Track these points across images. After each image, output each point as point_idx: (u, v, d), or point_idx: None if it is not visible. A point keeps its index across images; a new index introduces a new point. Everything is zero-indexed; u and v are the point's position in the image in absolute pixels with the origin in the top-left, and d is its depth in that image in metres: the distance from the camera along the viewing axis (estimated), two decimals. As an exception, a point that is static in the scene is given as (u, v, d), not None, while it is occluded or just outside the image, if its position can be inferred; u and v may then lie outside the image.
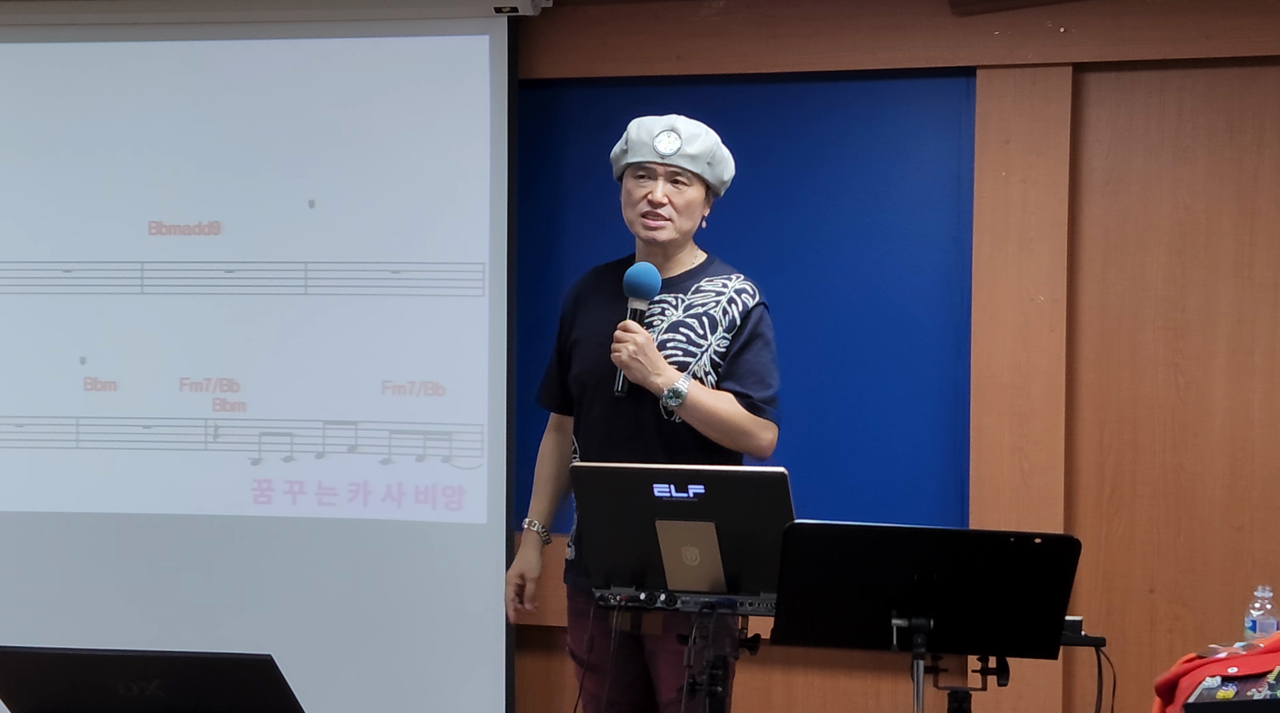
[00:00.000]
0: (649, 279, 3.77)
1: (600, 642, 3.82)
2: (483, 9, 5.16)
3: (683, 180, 3.80)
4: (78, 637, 4.94)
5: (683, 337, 3.79)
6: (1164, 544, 4.97)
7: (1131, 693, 4.60)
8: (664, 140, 3.79)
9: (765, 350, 3.85)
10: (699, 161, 3.80)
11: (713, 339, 3.80)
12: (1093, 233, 5.01)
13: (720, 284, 3.86)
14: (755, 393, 3.78)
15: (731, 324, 3.81)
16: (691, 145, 3.79)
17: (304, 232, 5.23)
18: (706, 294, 3.84)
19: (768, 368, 3.84)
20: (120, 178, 5.30)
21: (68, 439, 5.32)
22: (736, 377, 3.79)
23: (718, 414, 3.74)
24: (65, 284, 5.33)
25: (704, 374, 3.77)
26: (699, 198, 3.83)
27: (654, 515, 3.54)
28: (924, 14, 5.05)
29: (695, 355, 3.77)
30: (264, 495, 5.24)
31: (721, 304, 3.83)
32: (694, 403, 3.71)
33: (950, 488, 5.09)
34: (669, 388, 3.69)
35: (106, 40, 5.31)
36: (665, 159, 3.79)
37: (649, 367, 3.70)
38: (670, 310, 3.82)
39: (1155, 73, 4.96)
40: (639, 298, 3.77)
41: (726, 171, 3.88)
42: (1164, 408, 4.96)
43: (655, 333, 3.78)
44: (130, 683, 2.62)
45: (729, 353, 3.80)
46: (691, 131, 3.82)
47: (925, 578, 3.19)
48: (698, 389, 3.72)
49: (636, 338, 3.70)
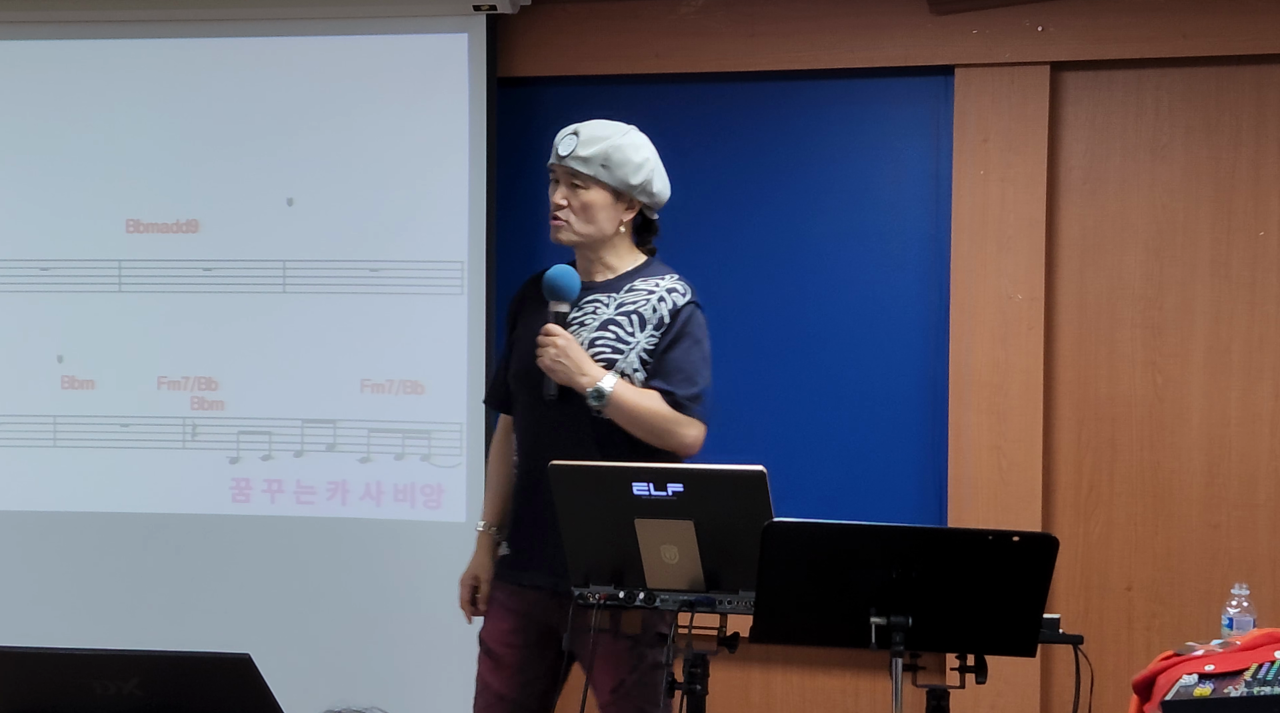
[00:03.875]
0: (565, 282, 3.78)
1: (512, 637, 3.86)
2: (461, 7, 5.15)
3: (580, 183, 3.80)
4: (55, 636, 4.91)
5: (612, 335, 3.79)
6: (1141, 542, 4.98)
7: (1109, 691, 4.63)
8: (564, 143, 3.81)
9: (694, 349, 3.82)
10: (591, 163, 3.77)
11: (641, 337, 3.79)
12: (1071, 231, 5.03)
13: (653, 284, 3.85)
14: (680, 391, 3.76)
15: (660, 322, 3.80)
16: (587, 148, 3.78)
17: (282, 230, 5.23)
18: (639, 293, 3.83)
19: (695, 366, 3.81)
20: (97, 175, 5.29)
21: (45, 438, 5.30)
22: (663, 374, 3.78)
23: (642, 412, 3.73)
24: (42, 282, 5.31)
25: (632, 371, 3.76)
26: (601, 201, 3.81)
27: (633, 514, 3.54)
28: (902, 13, 5.06)
29: (624, 353, 3.77)
30: (242, 494, 5.23)
31: (651, 302, 3.81)
32: (618, 401, 3.71)
33: (928, 486, 5.10)
34: (593, 387, 3.69)
35: (83, 38, 5.29)
36: (561, 161, 3.81)
37: (573, 367, 3.70)
38: (602, 309, 3.82)
39: (1133, 72, 4.97)
40: (558, 300, 3.78)
41: (633, 176, 3.81)
42: (1142, 406, 4.98)
43: (586, 331, 3.79)
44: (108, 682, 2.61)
45: (657, 350, 3.79)
46: (593, 134, 3.81)
47: (904, 576, 3.20)
48: (623, 387, 3.72)
49: (557, 341, 3.70)
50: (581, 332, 3.79)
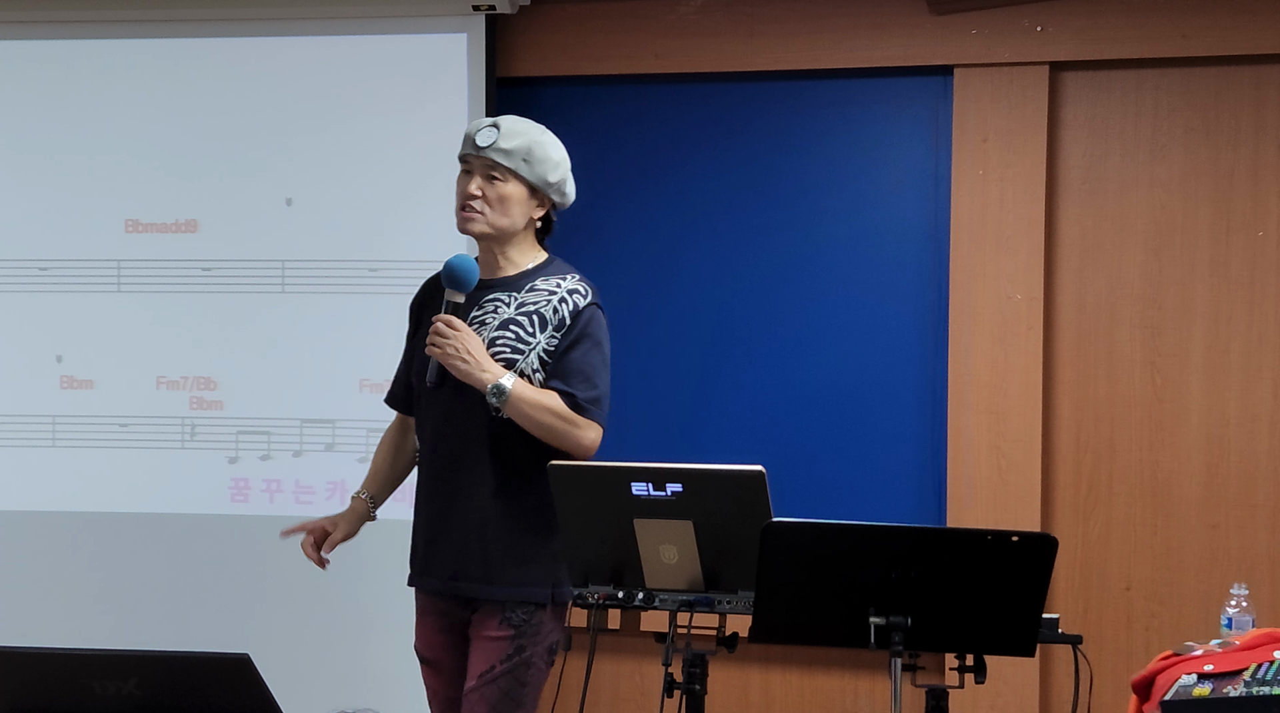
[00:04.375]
0: (466, 272, 3.74)
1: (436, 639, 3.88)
2: (461, 7, 5.15)
3: (498, 176, 3.77)
4: (54, 636, 4.91)
5: (512, 334, 3.76)
6: (1140, 542, 4.98)
7: (1108, 691, 4.63)
8: (483, 134, 3.78)
9: (594, 351, 3.80)
10: (513, 157, 3.75)
11: (541, 337, 3.76)
12: (1070, 231, 5.03)
13: (554, 284, 3.82)
14: (581, 392, 3.74)
15: (561, 323, 3.77)
16: (509, 141, 3.76)
17: (282, 230, 5.22)
18: (540, 293, 3.81)
19: (595, 368, 3.79)
20: (97, 175, 5.29)
21: (44, 438, 5.30)
22: (563, 375, 3.75)
23: (541, 412, 3.71)
24: (41, 282, 5.31)
25: (532, 372, 3.74)
26: (517, 195, 3.78)
27: (632, 514, 3.54)
28: (902, 12, 5.06)
29: (524, 353, 3.74)
30: (241, 494, 5.23)
31: (553, 303, 3.78)
32: (518, 400, 3.68)
33: (928, 486, 5.10)
34: (492, 385, 3.66)
35: (83, 38, 5.29)
36: (480, 152, 3.77)
37: (473, 364, 3.67)
38: (503, 308, 3.79)
39: (1132, 72, 4.97)
40: (456, 290, 3.74)
41: (551, 173, 3.81)
42: (1141, 406, 4.98)
43: (486, 330, 3.76)
44: (107, 682, 2.61)
45: (557, 351, 3.77)
46: (514, 128, 3.80)
47: (903, 576, 3.20)
48: (522, 387, 3.69)
49: (460, 336, 3.68)
50: (482, 331, 3.76)
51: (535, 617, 3.75)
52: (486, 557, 3.75)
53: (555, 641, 3.80)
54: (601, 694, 5.25)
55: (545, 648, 3.78)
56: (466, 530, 3.77)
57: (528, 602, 3.74)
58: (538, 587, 3.75)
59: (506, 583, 3.74)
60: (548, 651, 3.79)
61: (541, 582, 3.76)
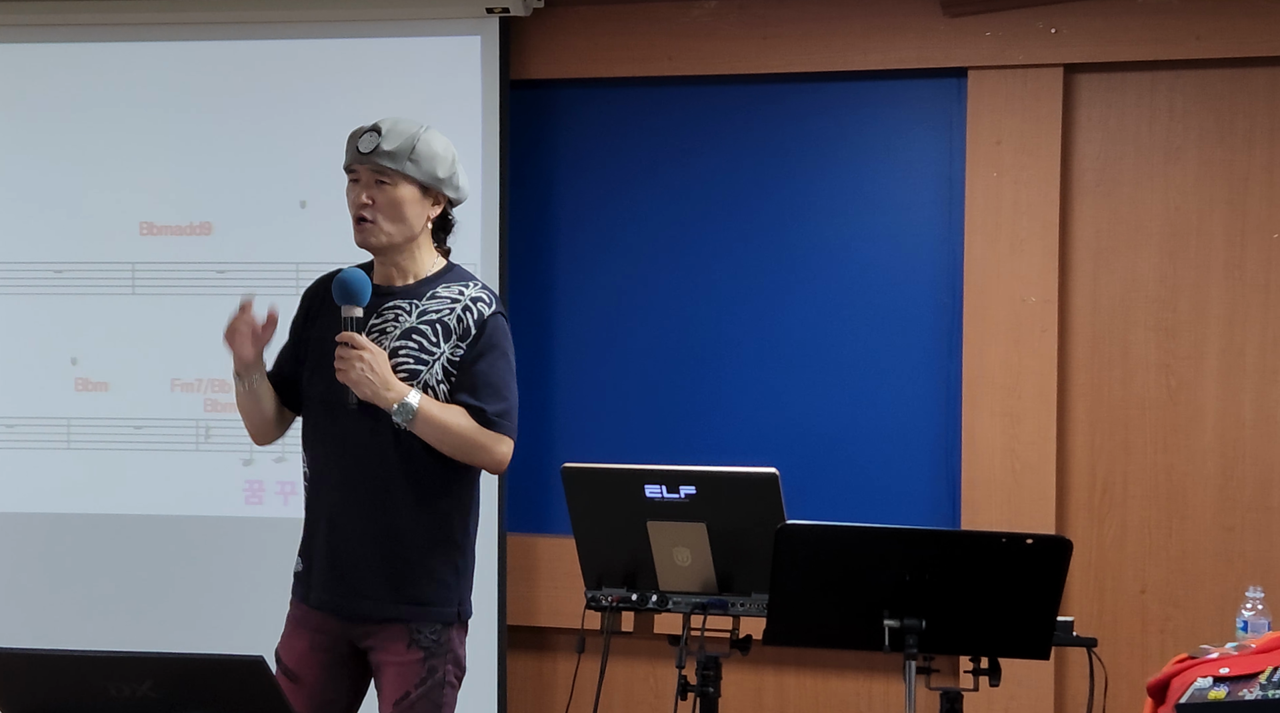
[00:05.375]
0: (358, 285, 3.58)
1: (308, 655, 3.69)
2: (474, 9, 5.16)
3: (386, 180, 3.61)
4: (69, 638, 4.93)
5: (415, 344, 3.62)
6: (1155, 545, 4.97)
7: (1123, 694, 4.62)
8: (364, 140, 3.63)
9: (501, 361, 3.66)
10: (398, 158, 3.60)
11: (445, 347, 3.62)
12: (1084, 233, 5.02)
13: (456, 291, 3.67)
14: (489, 406, 3.59)
15: (465, 332, 3.62)
16: (391, 142, 3.61)
17: (296, 232, 5.23)
18: (442, 301, 3.66)
19: (503, 380, 3.65)
20: (111, 178, 5.30)
21: (59, 440, 5.31)
22: (469, 388, 3.60)
23: (450, 429, 3.56)
24: (56, 285, 5.32)
25: (436, 383, 3.60)
26: (409, 197, 3.63)
27: (645, 516, 3.55)
28: (915, 15, 5.05)
29: (427, 364, 3.60)
30: (255, 496, 5.23)
31: (456, 312, 3.64)
32: (425, 418, 3.52)
33: (942, 489, 5.10)
34: (399, 403, 3.51)
35: (98, 41, 5.30)
36: (364, 158, 3.62)
37: (379, 383, 3.51)
38: (404, 316, 3.65)
39: (1146, 73, 4.96)
40: (351, 304, 3.58)
41: (440, 168, 3.65)
42: (1155, 409, 4.97)
43: (387, 340, 3.62)
44: (122, 684, 2.62)
45: (463, 362, 3.61)
46: (395, 129, 3.64)
47: (917, 579, 3.20)
48: (429, 404, 3.55)
49: (364, 355, 3.51)
50: (383, 340, 3.62)
51: (443, 636, 3.62)
52: (392, 574, 3.59)
53: (463, 657, 3.66)
54: (615, 697, 5.25)
55: (456, 666, 3.65)
56: (368, 547, 3.60)
57: (435, 621, 3.61)
58: (445, 605, 3.62)
59: (412, 601, 3.59)
60: (459, 668, 3.66)
61: (448, 600, 3.63)
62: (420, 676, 3.58)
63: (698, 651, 3.61)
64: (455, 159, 3.71)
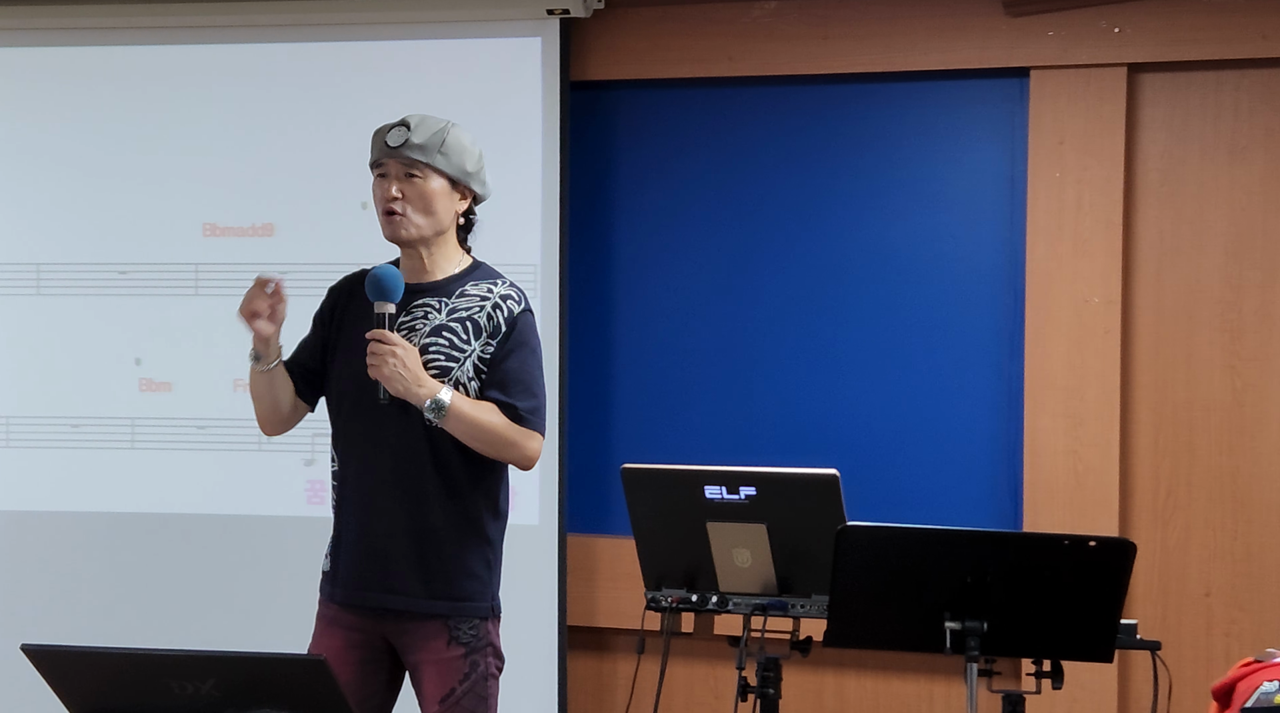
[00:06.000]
0: (391, 282, 3.60)
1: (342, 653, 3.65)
2: (535, 11, 5.17)
3: (416, 174, 3.62)
4: (133, 636, 4.96)
5: (445, 341, 3.63)
6: (1220, 548, 4.93)
7: (1187, 698, 4.58)
8: (393, 135, 3.64)
9: (531, 358, 3.67)
10: (428, 151, 3.61)
11: (476, 345, 3.63)
12: (1148, 234, 4.98)
13: (485, 289, 3.69)
14: (520, 402, 3.60)
15: (496, 330, 3.64)
16: (420, 135, 3.62)
17: (357, 233, 5.23)
18: (471, 298, 3.67)
19: (533, 376, 3.66)
20: (175, 180, 5.34)
21: (123, 440, 5.35)
22: (500, 385, 3.61)
23: (481, 426, 3.56)
24: (121, 286, 5.37)
25: (467, 380, 3.61)
26: (440, 190, 3.65)
27: (705, 517, 3.55)
28: (978, 14, 5.03)
29: (458, 361, 3.61)
30: (317, 496, 5.26)
31: (486, 309, 3.65)
32: (456, 415, 3.53)
33: (1004, 490, 5.07)
34: (431, 400, 3.52)
35: (163, 44, 5.35)
36: (393, 152, 3.63)
37: (411, 379, 3.52)
38: (434, 314, 3.66)
39: (1211, 73, 4.93)
40: (383, 301, 3.59)
41: (469, 162, 3.67)
42: (1220, 410, 4.93)
43: (417, 337, 3.63)
44: (185, 682, 2.63)
45: (493, 360, 3.63)
46: (422, 123, 3.65)
47: (979, 581, 3.18)
48: (460, 401, 3.55)
49: (395, 351, 3.52)
50: (412, 337, 3.63)
51: (481, 629, 3.62)
52: (425, 570, 3.60)
53: (500, 647, 3.67)
54: (675, 698, 5.25)
55: (496, 657, 3.66)
56: (401, 543, 3.61)
57: (473, 616, 3.62)
58: (480, 600, 3.63)
59: (449, 597, 3.60)
60: (499, 659, 3.66)
61: (483, 594, 3.64)
62: (464, 671, 3.59)
63: (758, 652, 3.61)
64: (482, 155, 3.74)
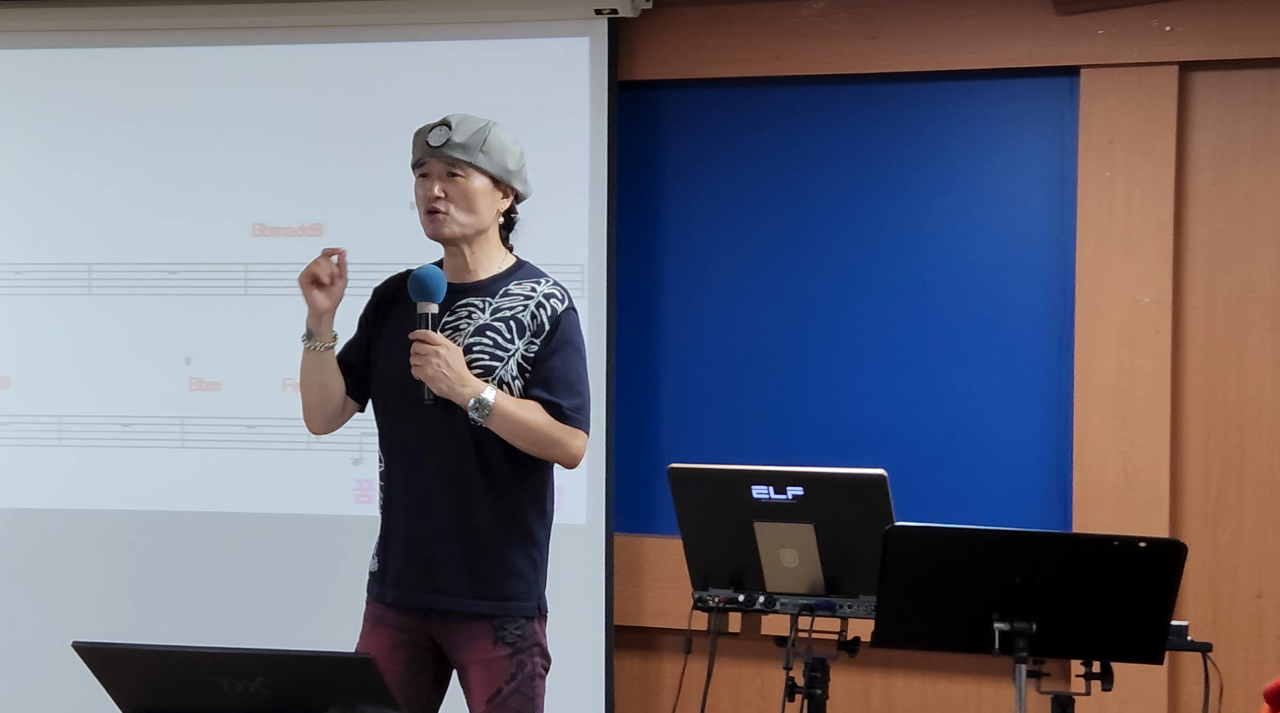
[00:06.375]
0: (434, 281, 3.60)
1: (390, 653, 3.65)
2: (583, 11, 5.17)
3: (459, 173, 3.63)
4: (181, 634, 4.99)
5: (489, 341, 3.63)
6: (1272, 549, 4.90)
7: (1238, 700, 4.55)
8: (435, 134, 3.65)
9: (575, 357, 3.68)
10: (470, 149, 3.62)
11: (520, 344, 3.63)
12: (1199, 234, 4.95)
13: (529, 288, 3.69)
14: (565, 401, 3.61)
15: (540, 329, 3.64)
16: (462, 134, 3.63)
17: (406, 233, 5.22)
18: (514, 297, 3.68)
19: (577, 375, 3.66)
20: (224, 180, 5.37)
21: (173, 439, 5.38)
22: (544, 384, 3.62)
23: (526, 424, 3.57)
24: (170, 286, 5.40)
25: (511, 379, 3.61)
26: (482, 188, 3.66)
27: (752, 517, 3.54)
28: (1027, 13, 5.01)
29: (502, 360, 3.61)
30: (365, 495, 5.27)
31: (530, 308, 3.65)
32: (501, 414, 3.54)
33: (1053, 491, 5.05)
34: (475, 399, 3.52)
35: (211, 44, 5.38)
36: (435, 151, 3.64)
37: (455, 379, 3.52)
38: (477, 313, 3.66)
39: (1264, 71, 4.89)
40: (426, 301, 3.60)
41: (511, 160, 3.68)
42: (1272, 411, 4.89)
43: (461, 336, 3.63)
44: (234, 680, 2.64)
45: (537, 358, 3.63)
46: (463, 122, 3.66)
47: (1028, 581, 3.17)
48: (505, 400, 3.56)
49: (440, 350, 3.53)
50: (456, 336, 3.63)
51: (527, 629, 3.63)
52: (472, 569, 3.60)
53: (546, 645, 3.67)
54: (722, 698, 5.24)
55: (543, 657, 3.67)
56: (447, 543, 3.61)
57: (519, 616, 3.62)
58: (527, 600, 3.64)
59: (495, 597, 3.60)
60: (545, 658, 3.67)
61: (529, 594, 3.64)
62: (510, 671, 3.60)
63: (805, 652, 3.60)
64: (523, 154, 3.74)
